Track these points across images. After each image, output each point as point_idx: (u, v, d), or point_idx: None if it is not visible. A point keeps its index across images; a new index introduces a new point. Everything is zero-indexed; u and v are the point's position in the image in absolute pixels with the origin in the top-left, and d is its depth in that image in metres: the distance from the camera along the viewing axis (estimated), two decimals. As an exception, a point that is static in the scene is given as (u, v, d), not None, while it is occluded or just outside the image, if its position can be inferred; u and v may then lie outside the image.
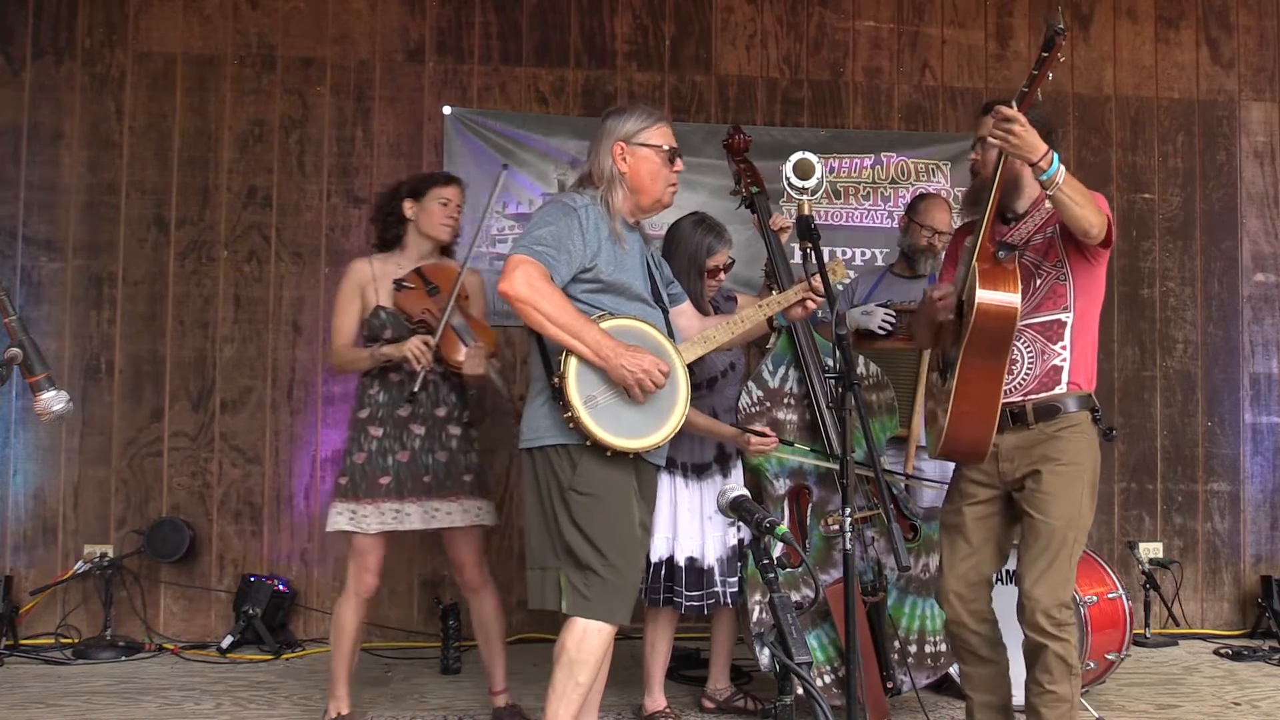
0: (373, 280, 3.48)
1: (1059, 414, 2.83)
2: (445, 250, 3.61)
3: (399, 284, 3.43)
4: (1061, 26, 2.53)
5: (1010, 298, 2.72)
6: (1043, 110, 2.85)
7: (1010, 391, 2.85)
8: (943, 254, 4.00)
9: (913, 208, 4.19)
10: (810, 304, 3.01)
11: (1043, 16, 2.70)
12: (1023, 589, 2.80)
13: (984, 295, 2.71)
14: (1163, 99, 5.41)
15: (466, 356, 3.39)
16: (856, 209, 5.15)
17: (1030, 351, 2.86)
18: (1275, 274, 5.43)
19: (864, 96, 5.25)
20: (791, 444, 3.50)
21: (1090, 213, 2.66)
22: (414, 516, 3.39)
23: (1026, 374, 2.85)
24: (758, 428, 3.46)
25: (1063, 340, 2.85)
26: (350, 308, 3.48)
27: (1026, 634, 2.80)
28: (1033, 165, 2.62)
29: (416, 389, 3.34)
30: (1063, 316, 2.85)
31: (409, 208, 3.52)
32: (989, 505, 2.93)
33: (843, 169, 5.14)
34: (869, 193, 5.15)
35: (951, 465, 3.08)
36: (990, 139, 2.65)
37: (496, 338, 3.57)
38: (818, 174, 3.25)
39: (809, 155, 3.28)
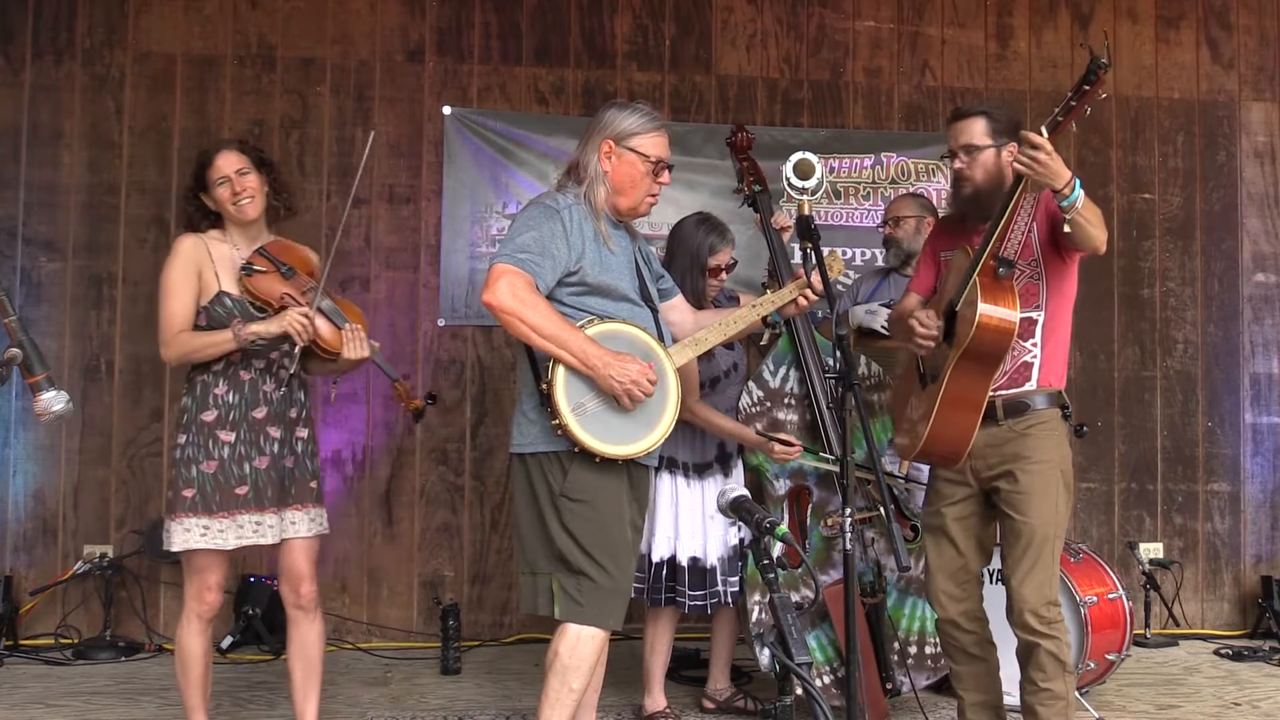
0: (210, 260, 3.02)
1: (1028, 411, 2.88)
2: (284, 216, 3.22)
3: (247, 267, 3.03)
4: (1105, 62, 2.51)
5: (1010, 314, 2.77)
6: (1009, 110, 2.96)
7: None
8: (905, 241, 4.00)
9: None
10: (802, 301, 2.93)
11: (1085, 47, 2.70)
12: (1010, 590, 2.85)
13: (986, 309, 2.75)
14: (1163, 99, 5.41)
15: (345, 340, 3.03)
16: (856, 209, 5.14)
17: None
18: (1275, 274, 5.43)
19: (864, 96, 5.25)
20: (815, 454, 3.49)
21: (1100, 231, 2.72)
22: (274, 529, 3.02)
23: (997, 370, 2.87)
24: (783, 436, 3.44)
25: (1034, 338, 2.89)
26: (187, 289, 2.99)
27: (1018, 634, 2.84)
28: (1055, 191, 2.63)
29: (294, 370, 3.04)
30: (1034, 314, 2.89)
31: (207, 200, 3.08)
32: (966, 505, 2.97)
33: (843, 169, 5.14)
34: (869, 193, 5.15)
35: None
36: (1016, 165, 2.64)
37: (363, 314, 3.22)
38: (818, 174, 3.25)
39: (809, 155, 3.28)
